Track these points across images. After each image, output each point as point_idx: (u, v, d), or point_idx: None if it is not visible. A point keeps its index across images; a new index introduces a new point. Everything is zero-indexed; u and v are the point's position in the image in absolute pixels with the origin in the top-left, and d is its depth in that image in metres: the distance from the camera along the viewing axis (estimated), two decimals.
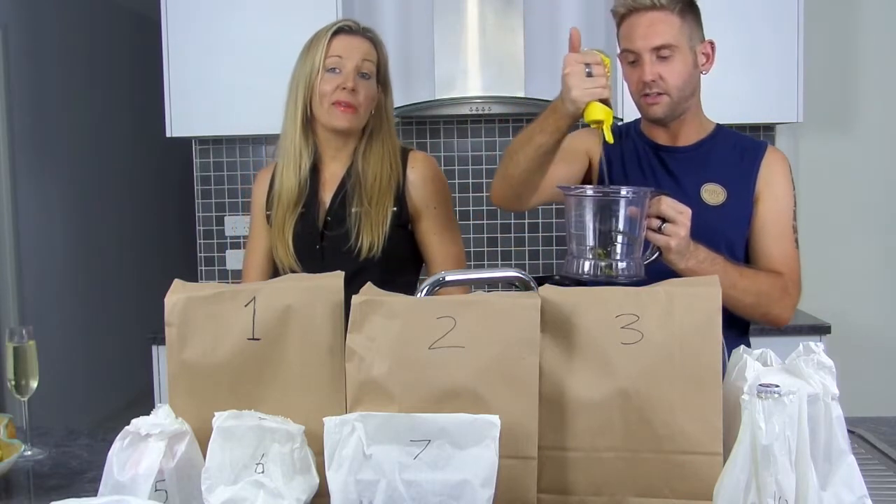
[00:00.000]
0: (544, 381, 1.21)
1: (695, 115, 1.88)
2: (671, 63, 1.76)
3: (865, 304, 3.43)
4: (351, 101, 1.88)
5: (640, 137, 1.93)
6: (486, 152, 3.45)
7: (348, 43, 1.90)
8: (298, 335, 1.27)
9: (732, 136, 1.93)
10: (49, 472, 1.56)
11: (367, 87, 1.90)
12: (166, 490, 1.19)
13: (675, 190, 1.82)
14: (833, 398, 1.17)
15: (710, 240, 1.76)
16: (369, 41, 1.93)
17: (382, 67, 1.96)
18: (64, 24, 4.84)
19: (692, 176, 1.85)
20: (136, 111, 5.45)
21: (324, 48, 1.88)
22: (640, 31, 1.77)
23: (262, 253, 2.06)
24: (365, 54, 1.90)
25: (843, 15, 3.40)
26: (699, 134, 1.90)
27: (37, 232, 4.53)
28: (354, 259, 1.88)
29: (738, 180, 1.85)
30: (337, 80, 1.88)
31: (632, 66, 1.80)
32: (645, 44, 1.76)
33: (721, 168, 1.86)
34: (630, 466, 1.20)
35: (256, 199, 2.07)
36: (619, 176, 1.89)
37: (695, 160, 1.87)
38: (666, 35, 1.76)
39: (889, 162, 3.44)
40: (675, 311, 1.20)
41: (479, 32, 3.10)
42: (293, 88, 1.93)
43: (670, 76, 1.77)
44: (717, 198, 1.83)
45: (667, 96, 1.78)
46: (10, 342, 1.66)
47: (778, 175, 1.87)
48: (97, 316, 5.14)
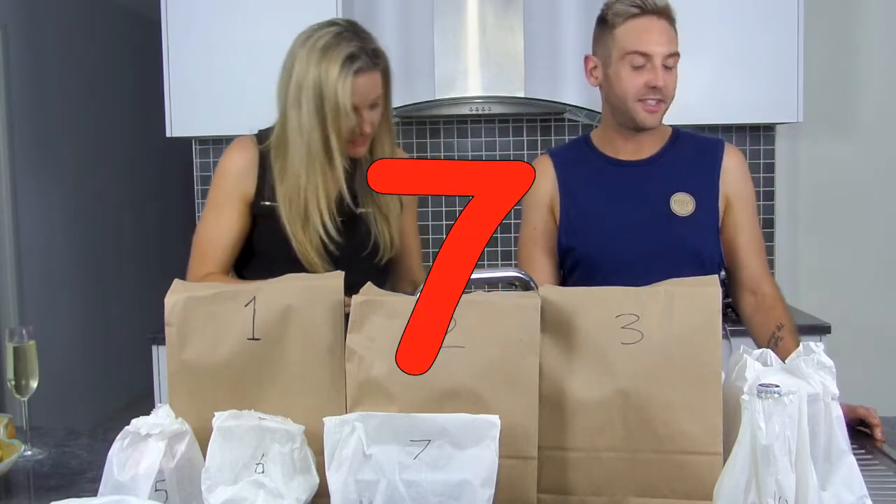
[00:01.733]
0: (544, 381, 1.21)
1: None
2: (673, 73, 1.77)
3: (865, 304, 3.43)
4: (365, 138, 1.83)
5: (594, 153, 1.89)
6: (486, 152, 3.45)
7: (361, 86, 1.77)
8: (298, 335, 1.27)
9: (690, 138, 1.92)
10: (49, 472, 1.56)
11: (377, 113, 1.83)
12: (166, 490, 1.20)
13: (643, 205, 1.82)
14: (833, 398, 1.17)
15: (678, 251, 1.77)
16: (377, 71, 1.80)
17: (389, 74, 1.86)
18: (64, 24, 4.84)
19: (660, 188, 1.84)
20: (136, 111, 5.45)
21: (346, 89, 1.74)
22: (654, 37, 1.74)
23: (233, 237, 1.85)
24: (374, 91, 1.80)
25: (843, 15, 3.40)
26: (660, 141, 1.87)
27: (37, 232, 4.53)
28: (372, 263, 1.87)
29: (704, 187, 1.84)
30: (353, 122, 1.78)
31: (636, 70, 1.76)
32: (662, 49, 1.74)
33: (687, 176, 1.85)
34: (630, 466, 1.20)
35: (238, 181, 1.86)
36: (580, 198, 1.86)
37: (660, 171, 1.85)
38: (675, 44, 1.77)
39: (889, 162, 3.44)
40: (676, 311, 1.20)
41: (479, 32, 3.10)
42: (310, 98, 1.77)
43: (672, 85, 1.77)
44: (686, 208, 1.81)
45: (664, 104, 1.79)
46: (10, 342, 1.66)
47: (741, 177, 1.87)
48: (97, 316, 5.14)
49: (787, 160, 3.44)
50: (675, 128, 1.92)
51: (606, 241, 1.83)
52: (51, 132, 4.71)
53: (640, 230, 1.82)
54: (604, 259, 1.82)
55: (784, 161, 3.44)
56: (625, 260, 1.79)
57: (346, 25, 1.84)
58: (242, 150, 1.89)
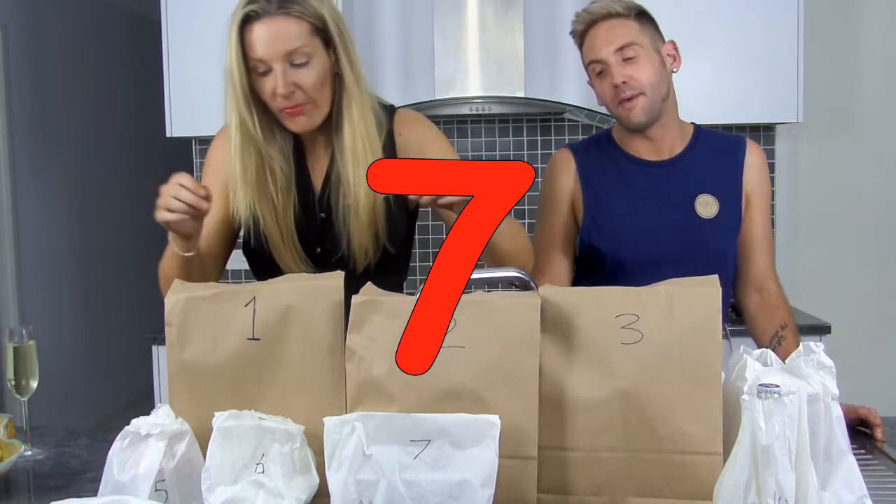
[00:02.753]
0: (544, 381, 1.21)
1: (673, 119, 1.85)
2: (638, 62, 1.76)
3: (865, 304, 3.43)
4: (295, 104, 1.55)
5: (617, 151, 1.88)
6: (486, 152, 3.45)
7: (265, 34, 1.50)
8: (298, 335, 1.26)
9: (711, 136, 1.91)
10: (49, 472, 1.56)
11: (308, 73, 1.53)
12: (166, 490, 1.19)
13: (668, 206, 1.82)
14: (833, 398, 1.17)
15: (703, 253, 1.77)
16: (289, 17, 1.51)
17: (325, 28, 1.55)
18: (64, 24, 4.84)
19: (684, 189, 1.83)
20: (136, 111, 5.45)
21: (236, 47, 1.51)
22: (599, 40, 1.78)
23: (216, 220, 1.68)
24: (287, 42, 1.50)
25: (843, 15, 3.40)
26: (682, 141, 1.87)
27: (37, 232, 4.53)
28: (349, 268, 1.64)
29: (727, 187, 1.84)
30: (269, 84, 1.53)
31: (600, 77, 1.80)
32: (608, 48, 1.77)
33: (710, 176, 1.84)
34: (630, 466, 1.20)
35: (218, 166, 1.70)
36: (604, 196, 1.85)
37: (684, 172, 1.84)
38: (626, 36, 1.77)
39: (889, 162, 3.44)
40: (675, 311, 1.20)
41: (479, 32, 3.10)
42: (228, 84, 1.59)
43: (641, 74, 1.76)
44: (711, 210, 1.82)
45: (643, 96, 1.77)
46: (10, 342, 1.66)
47: (761, 174, 1.88)
48: (97, 316, 5.14)
49: (787, 160, 3.44)
50: (697, 126, 1.92)
51: (631, 241, 1.81)
52: (51, 133, 4.70)
53: (666, 231, 1.81)
54: (627, 259, 1.81)
55: (784, 161, 3.44)
56: (649, 261, 1.78)
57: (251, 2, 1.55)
58: (225, 139, 1.71)
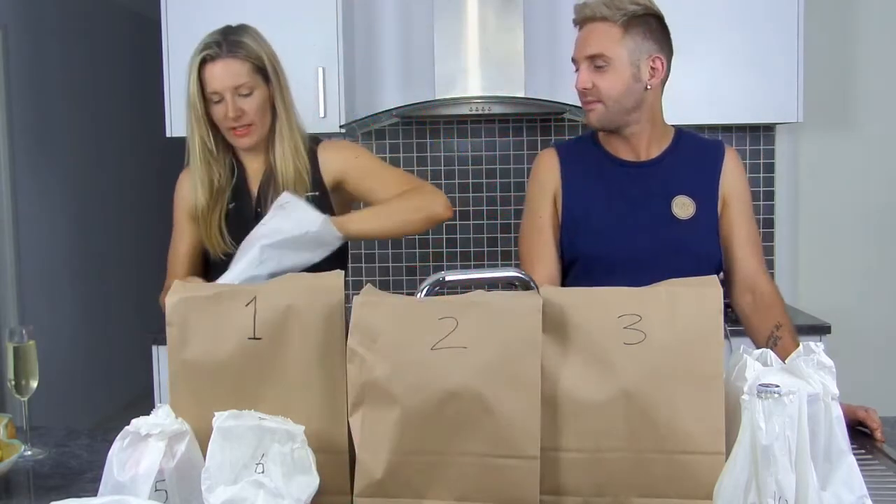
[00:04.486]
0: (546, 381, 1.20)
1: (650, 126, 1.86)
2: (605, 74, 1.78)
3: (865, 304, 3.43)
4: (242, 125, 1.92)
5: (599, 151, 1.91)
6: (486, 152, 3.45)
7: (218, 71, 1.90)
8: (298, 335, 1.27)
9: (691, 139, 1.93)
10: (49, 472, 1.56)
11: (251, 101, 1.92)
12: (166, 490, 1.20)
13: (644, 206, 1.83)
14: (833, 398, 1.17)
15: (678, 253, 1.78)
16: (236, 59, 1.91)
17: (263, 67, 1.94)
18: (64, 24, 4.83)
19: (661, 190, 1.85)
20: (136, 111, 5.45)
21: (195, 83, 1.90)
22: (579, 42, 1.82)
23: (185, 249, 2.10)
24: (235, 78, 1.90)
25: (843, 15, 3.40)
26: (661, 144, 1.88)
27: (37, 232, 4.53)
28: None
29: (704, 189, 1.86)
30: (221, 110, 1.91)
31: (576, 74, 1.84)
32: (580, 53, 1.81)
33: (688, 179, 1.86)
34: (633, 467, 1.20)
35: (183, 201, 2.08)
36: (584, 194, 1.87)
37: (662, 173, 1.86)
38: (600, 46, 1.78)
39: (889, 162, 3.44)
40: (678, 312, 1.20)
41: (479, 32, 3.10)
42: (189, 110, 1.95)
43: (604, 86, 1.78)
44: (687, 211, 1.83)
45: (601, 105, 1.80)
46: (10, 342, 1.66)
47: (738, 176, 1.89)
48: (97, 316, 5.14)
49: (787, 160, 3.44)
50: (679, 128, 1.93)
51: (607, 239, 1.83)
52: (51, 133, 4.70)
53: (640, 231, 1.82)
54: (601, 257, 1.83)
55: (784, 161, 3.44)
56: (623, 259, 1.80)
57: (224, 28, 2.00)
58: (187, 176, 2.05)
